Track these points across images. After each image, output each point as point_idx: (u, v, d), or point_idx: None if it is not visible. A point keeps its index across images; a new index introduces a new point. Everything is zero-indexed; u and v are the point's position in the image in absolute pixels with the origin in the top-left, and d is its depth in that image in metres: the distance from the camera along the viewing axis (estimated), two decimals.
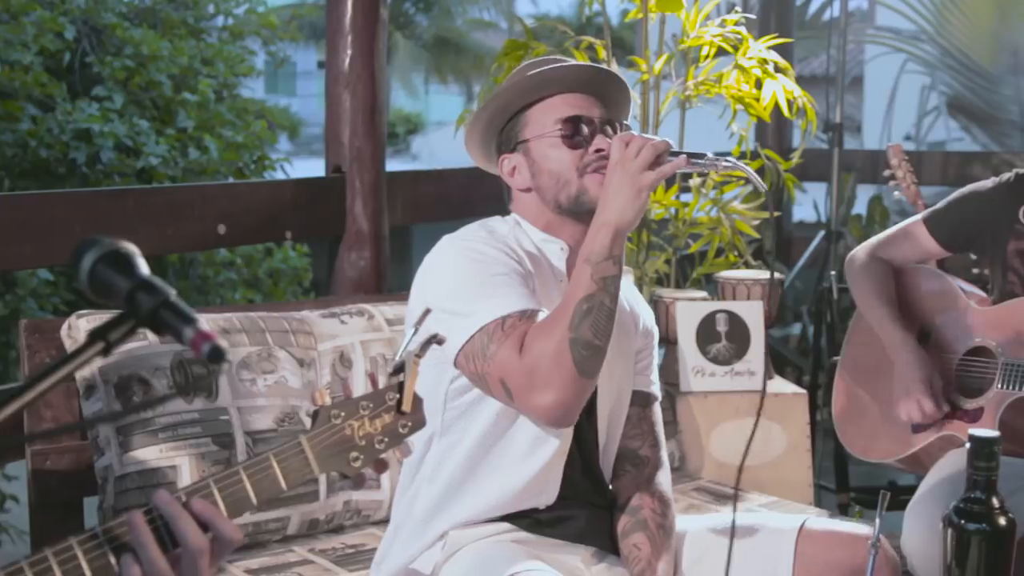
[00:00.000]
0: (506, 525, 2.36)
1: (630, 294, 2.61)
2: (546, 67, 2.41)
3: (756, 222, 4.07)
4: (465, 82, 25.46)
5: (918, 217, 3.23)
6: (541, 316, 2.26)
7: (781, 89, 3.94)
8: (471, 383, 2.30)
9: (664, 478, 2.53)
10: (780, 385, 3.75)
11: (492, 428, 2.33)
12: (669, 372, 3.66)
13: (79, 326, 2.85)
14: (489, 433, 2.34)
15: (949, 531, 1.90)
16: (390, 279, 4.03)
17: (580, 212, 2.40)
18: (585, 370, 2.19)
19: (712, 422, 3.60)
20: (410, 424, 1.68)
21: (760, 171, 4.20)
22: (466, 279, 2.29)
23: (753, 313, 3.67)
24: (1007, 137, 11.33)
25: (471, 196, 4.50)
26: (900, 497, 4.48)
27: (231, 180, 7.63)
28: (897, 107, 11.27)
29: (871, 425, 3.21)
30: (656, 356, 2.63)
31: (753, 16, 4.16)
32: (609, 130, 2.42)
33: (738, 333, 3.65)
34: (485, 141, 2.53)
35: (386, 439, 1.66)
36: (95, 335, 1.23)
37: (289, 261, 8.38)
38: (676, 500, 3.24)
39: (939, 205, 3.20)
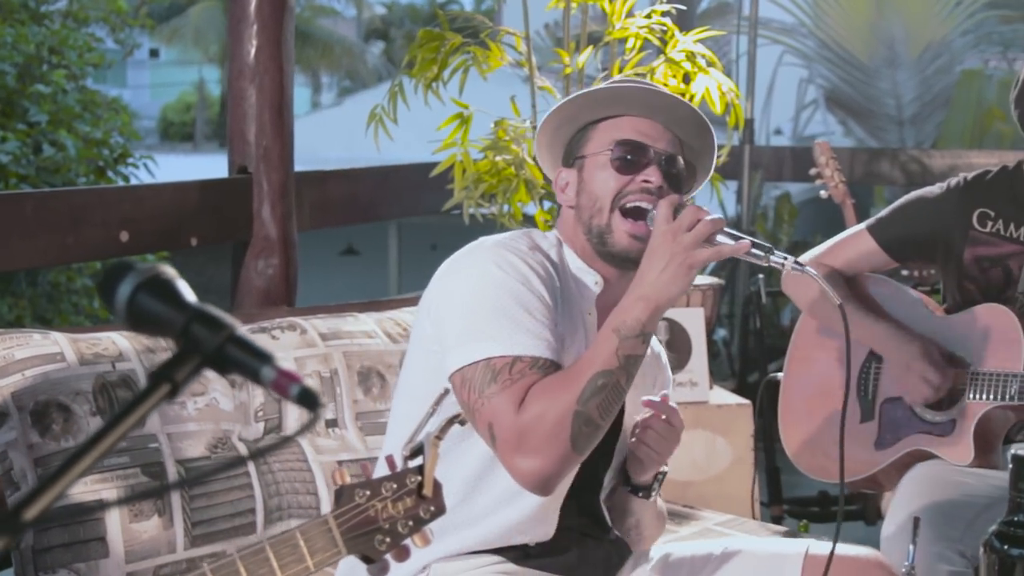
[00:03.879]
0: (494, 557, 2.28)
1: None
2: (620, 84, 2.38)
3: None
4: (312, 72, 25.15)
5: (861, 226, 3.19)
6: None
7: (714, 84, 3.91)
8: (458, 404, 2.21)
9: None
10: (722, 396, 3.73)
11: (487, 458, 2.24)
12: None
13: None
14: (484, 463, 2.25)
15: (990, 556, 1.88)
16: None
17: (603, 251, 2.34)
18: (579, 446, 2.14)
19: None
20: (432, 509, 1.65)
21: None
22: (495, 295, 2.20)
23: (694, 321, 3.64)
24: (884, 131, 11.62)
25: (380, 197, 4.40)
26: (831, 508, 4.55)
27: (83, 183, 7.38)
28: (774, 100, 11.46)
29: (827, 444, 3.18)
30: (670, 384, 2.59)
31: (683, 7, 4.13)
32: (668, 166, 2.34)
33: (679, 341, 3.62)
34: (552, 151, 2.46)
35: (410, 523, 1.63)
36: (159, 377, 1.11)
37: None
38: None
39: (883, 213, 3.18)
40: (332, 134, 18.33)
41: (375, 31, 28.59)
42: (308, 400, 1.11)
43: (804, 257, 3.25)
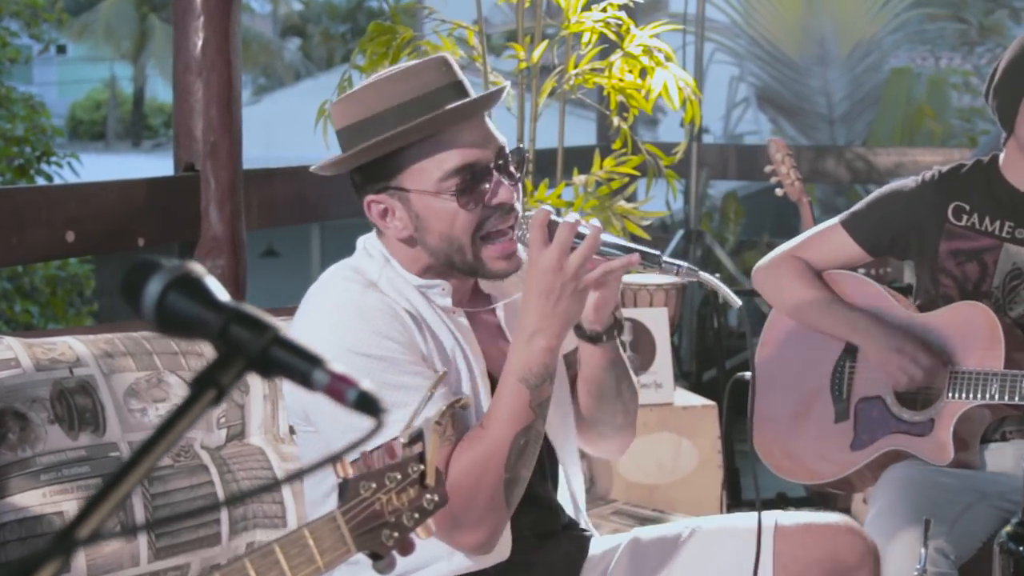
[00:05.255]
0: None
1: None
2: (435, 110, 2.10)
3: (647, 222, 4.02)
4: None
5: (835, 220, 3.19)
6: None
7: (673, 79, 3.89)
8: None
9: None
10: (687, 397, 3.71)
11: None
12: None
13: None
14: None
15: (1005, 558, 1.87)
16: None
17: (473, 276, 2.23)
18: (514, 503, 2.10)
19: None
20: (436, 499, 1.62)
21: (641, 167, 4.15)
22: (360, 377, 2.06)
23: (658, 321, 3.62)
24: (814, 130, 11.70)
25: (328, 196, 4.33)
26: (789, 509, 4.54)
27: (0, 182, 7.22)
28: (704, 98, 11.48)
29: (800, 444, 3.17)
30: None
31: (642, 0, 4.11)
32: (505, 168, 2.16)
33: (643, 342, 3.59)
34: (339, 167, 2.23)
35: (416, 515, 1.60)
36: (203, 382, 1.05)
37: (68, 268, 8.02)
38: (597, 526, 3.17)
39: (858, 207, 3.18)
40: (249, 133, 18.13)
41: (292, 28, 28.33)
42: (368, 405, 1.05)
43: (777, 251, 3.24)
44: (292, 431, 2.91)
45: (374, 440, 1.92)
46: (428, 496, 1.59)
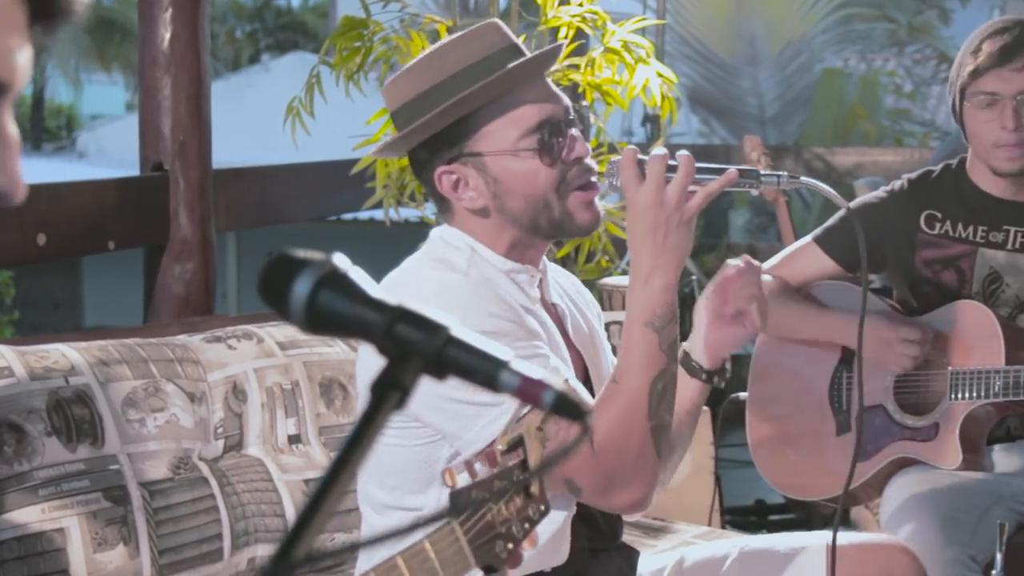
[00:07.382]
0: None
1: (570, 287, 2.41)
2: (510, 63, 2.09)
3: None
4: (132, 72, 24.40)
5: (808, 239, 3.16)
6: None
7: (656, 76, 3.87)
8: None
9: None
10: None
11: None
12: None
13: None
14: None
15: None
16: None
17: (559, 236, 2.21)
18: (663, 451, 2.07)
19: None
20: (542, 508, 1.58)
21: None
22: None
23: None
24: (746, 131, 11.76)
25: (291, 196, 4.26)
26: (769, 517, 4.55)
27: None
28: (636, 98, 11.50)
29: (802, 461, 3.13)
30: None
31: None
32: (574, 123, 2.15)
33: None
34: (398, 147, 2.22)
35: (525, 525, 1.55)
36: (385, 386, 0.99)
37: None
38: None
39: (830, 223, 3.13)
40: None
41: None
42: (570, 409, 0.99)
43: None
44: (291, 441, 2.85)
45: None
46: (534, 506, 1.54)
